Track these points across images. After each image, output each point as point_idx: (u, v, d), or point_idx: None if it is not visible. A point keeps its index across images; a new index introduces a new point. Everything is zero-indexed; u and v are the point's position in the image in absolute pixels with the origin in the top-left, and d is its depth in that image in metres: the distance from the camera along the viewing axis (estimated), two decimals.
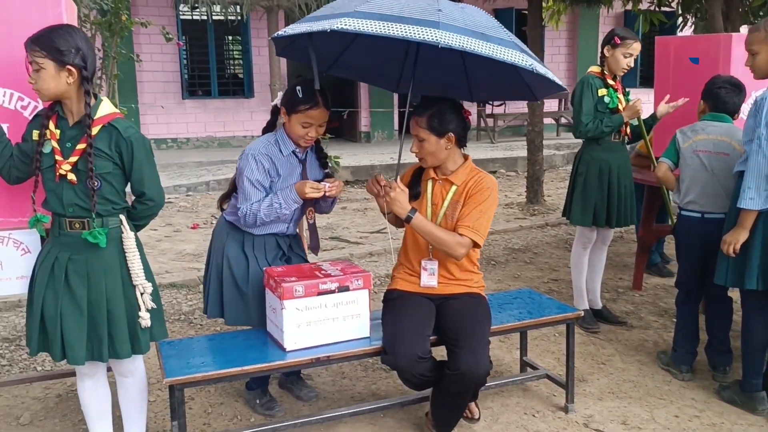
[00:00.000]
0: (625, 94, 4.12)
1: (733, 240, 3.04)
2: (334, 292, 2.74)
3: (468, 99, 3.11)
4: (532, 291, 3.60)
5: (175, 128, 12.54)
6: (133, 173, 2.45)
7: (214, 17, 12.42)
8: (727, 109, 3.54)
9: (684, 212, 3.56)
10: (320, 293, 2.71)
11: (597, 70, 4.07)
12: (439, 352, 2.82)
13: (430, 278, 2.95)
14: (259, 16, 11.41)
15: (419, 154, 2.89)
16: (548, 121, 11.99)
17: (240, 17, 12.03)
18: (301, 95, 2.83)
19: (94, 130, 2.37)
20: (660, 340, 4.08)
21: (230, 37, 14.49)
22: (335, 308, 2.76)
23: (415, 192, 2.94)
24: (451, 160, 2.90)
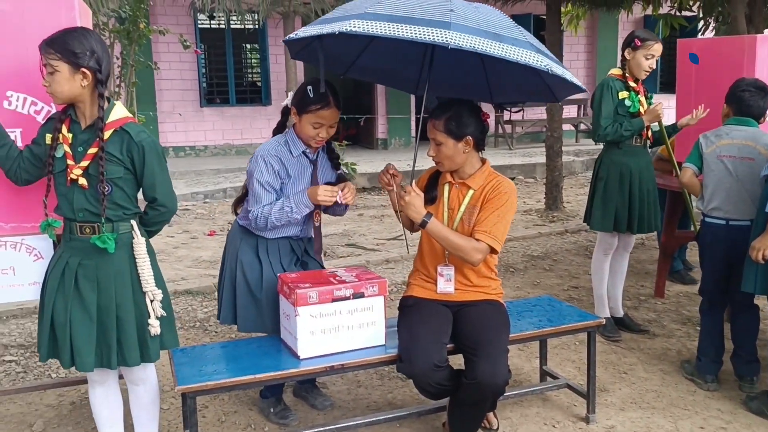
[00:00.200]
0: (648, 98, 4.04)
1: (763, 246, 2.97)
2: (348, 298, 2.69)
3: (488, 100, 3.06)
4: (552, 298, 3.53)
5: (193, 136, 12.63)
6: (145, 178, 2.42)
7: (232, 25, 12.51)
8: (752, 112, 3.45)
9: (708, 219, 3.48)
10: (335, 300, 2.67)
11: (618, 72, 4.00)
12: (457, 361, 2.76)
13: (446, 284, 2.88)
14: (276, 23, 11.46)
15: (436, 158, 2.83)
16: (567, 128, 11.89)
17: (257, 24, 12.09)
18: (311, 95, 2.79)
19: (106, 134, 2.34)
20: (683, 348, 3.99)
21: (248, 45, 14.60)
22: (350, 315, 2.71)
23: (431, 196, 2.88)
24: (469, 164, 2.84)
